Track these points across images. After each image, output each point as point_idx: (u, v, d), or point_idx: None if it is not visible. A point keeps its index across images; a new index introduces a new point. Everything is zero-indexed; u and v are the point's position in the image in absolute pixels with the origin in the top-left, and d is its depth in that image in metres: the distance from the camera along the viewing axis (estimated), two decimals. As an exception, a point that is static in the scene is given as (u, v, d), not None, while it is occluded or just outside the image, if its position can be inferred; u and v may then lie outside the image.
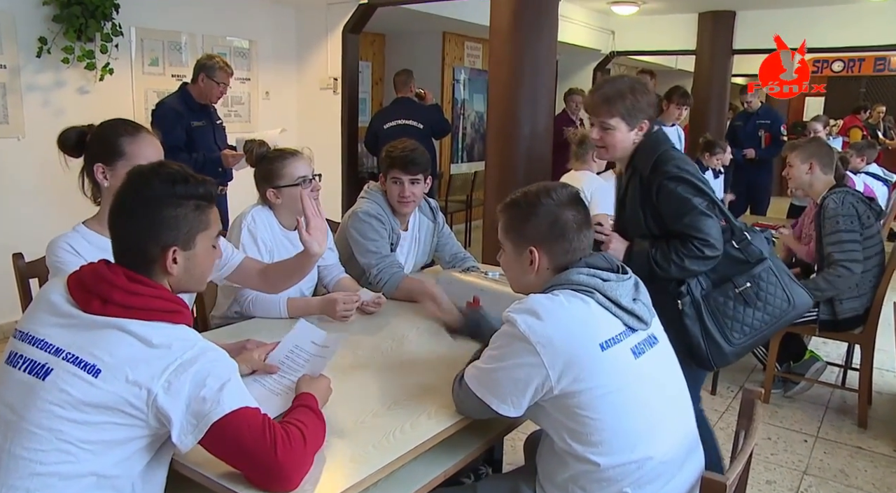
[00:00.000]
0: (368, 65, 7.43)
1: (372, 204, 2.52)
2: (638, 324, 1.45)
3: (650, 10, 7.50)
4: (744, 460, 1.34)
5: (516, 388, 1.39)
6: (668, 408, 1.47)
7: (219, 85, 3.82)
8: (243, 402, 1.22)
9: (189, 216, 1.30)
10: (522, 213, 1.52)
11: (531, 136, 4.31)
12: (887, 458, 3.01)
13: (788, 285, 2.01)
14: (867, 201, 3.16)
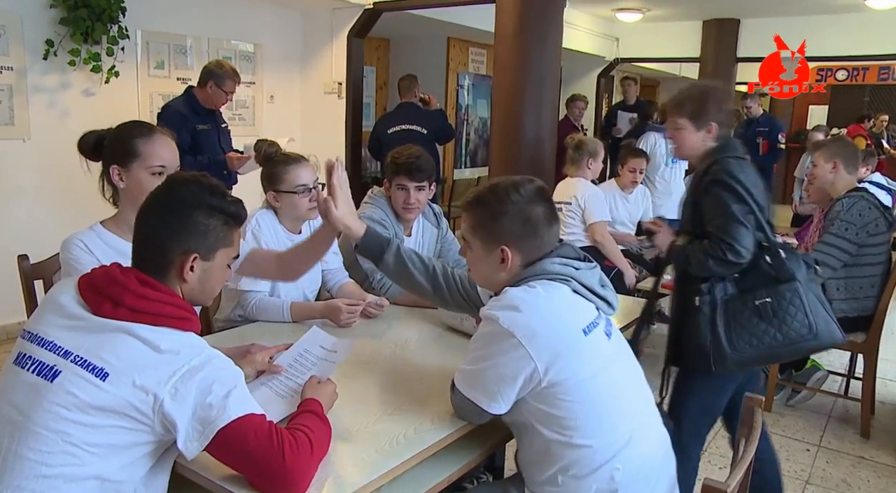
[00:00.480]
0: (373, 69, 7.45)
1: (376, 209, 2.53)
2: (608, 308, 1.53)
3: (654, 18, 7.52)
4: (744, 467, 1.34)
5: (505, 384, 1.41)
6: (635, 382, 1.56)
7: (227, 94, 3.86)
8: (249, 409, 1.22)
9: (217, 229, 1.33)
10: (491, 211, 1.50)
11: (535, 142, 4.32)
12: (890, 468, 3.00)
13: (817, 313, 1.96)
14: (881, 209, 3.11)
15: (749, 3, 6.74)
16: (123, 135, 1.84)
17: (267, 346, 1.75)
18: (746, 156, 2.10)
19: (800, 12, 6.95)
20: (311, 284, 2.44)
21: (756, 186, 2.01)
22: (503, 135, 4.41)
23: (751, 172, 2.04)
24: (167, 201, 1.33)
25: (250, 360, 1.65)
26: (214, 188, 1.35)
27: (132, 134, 1.83)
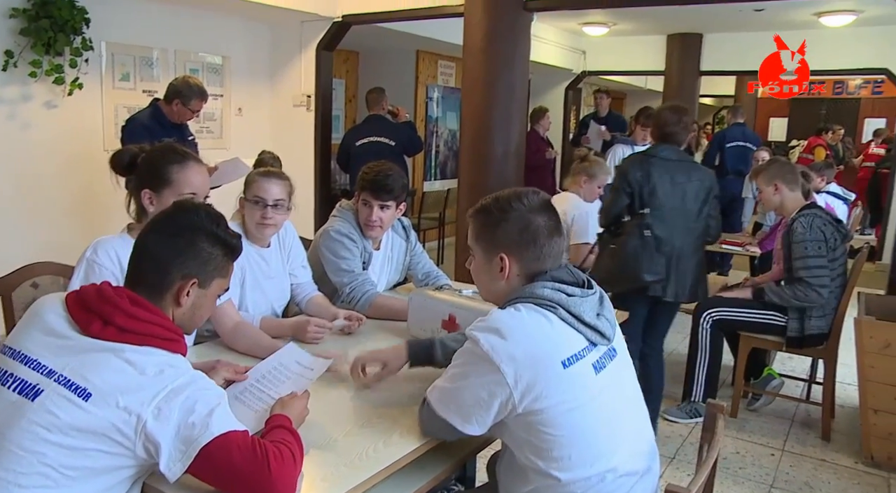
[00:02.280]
0: (342, 82, 7.46)
1: (344, 223, 2.53)
2: (600, 339, 1.45)
3: (620, 32, 7.67)
4: (706, 471, 1.37)
5: (480, 407, 1.38)
6: (628, 421, 1.49)
7: (193, 112, 3.84)
8: (231, 426, 1.22)
9: (218, 258, 1.37)
10: (493, 218, 1.50)
11: (504, 155, 4.37)
12: (849, 469, 3.08)
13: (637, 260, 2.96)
14: (835, 224, 3.22)
15: (711, 19, 6.92)
16: (158, 161, 1.87)
17: (233, 363, 1.74)
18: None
19: (759, 28, 7.16)
20: (280, 298, 2.43)
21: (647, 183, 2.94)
22: (472, 148, 4.45)
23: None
24: (175, 224, 1.36)
25: (216, 371, 1.65)
26: (220, 219, 1.40)
27: (167, 160, 1.86)
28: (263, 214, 2.25)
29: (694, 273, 3.10)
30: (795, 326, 3.24)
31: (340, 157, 5.33)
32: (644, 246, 2.93)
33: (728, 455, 3.19)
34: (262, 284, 2.33)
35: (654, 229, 2.94)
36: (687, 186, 3.01)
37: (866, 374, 3.01)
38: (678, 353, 3.66)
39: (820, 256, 3.12)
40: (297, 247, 2.49)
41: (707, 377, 3.46)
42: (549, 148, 6.66)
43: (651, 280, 2.93)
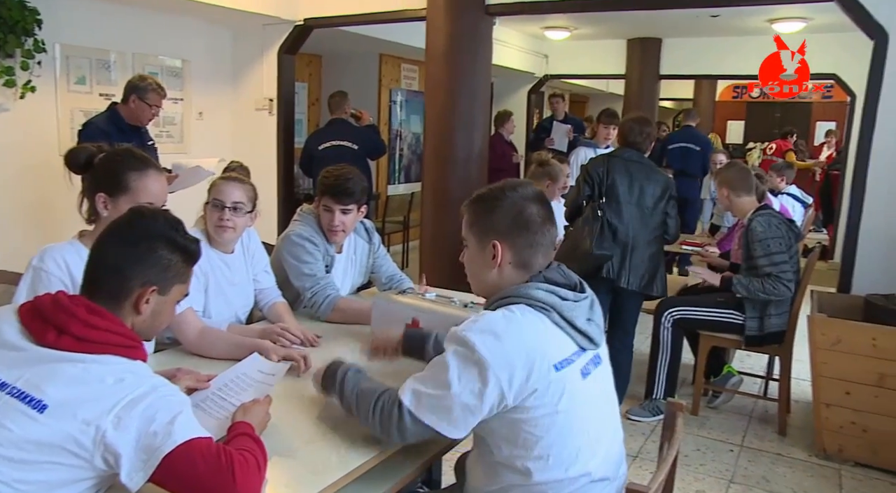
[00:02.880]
0: (305, 86, 7.41)
1: (305, 227, 2.51)
2: (589, 345, 1.46)
3: (581, 36, 7.77)
4: (665, 468, 1.40)
5: (471, 412, 1.37)
6: (606, 427, 1.51)
7: (151, 107, 3.74)
8: (195, 433, 1.20)
9: (177, 264, 1.36)
10: (487, 205, 1.51)
11: (467, 158, 4.39)
12: (803, 462, 3.17)
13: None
14: (788, 223, 3.35)
15: (669, 25, 7.06)
16: (117, 166, 1.82)
17: (194, 370, 1.72)
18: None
19: (715, 34, 7.33)
20: (244, 305, 2.41)
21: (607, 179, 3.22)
22: (436, 151, 4.46)
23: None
24: (133, 231, 1.34)
25: (176, 382, 1.62)
26: (179, 225, 1.39)
27: (126, 166, 1.82)
28: (221, 215, 2.23)
29: (648, 265, 3.25)
30: (754, 325, 3.33)
31: (303, 161, 5.29)
32: (595, 223, 3.20)
33: (689, 452, 3.25)
34: (225, 290, 2.31)
35: (609, 219, 3.18)
36: (645, 184, 3.24)
37: (818, 370, 3.11)
38: (640, 352, 3.73)
39: (782, 251, 3.24)
40: (260, 252, 2.47)
41: (668, 376, 3.54)
42: (514, 152, 6.71)
43: (599, 254, 3.17)
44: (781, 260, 3.22)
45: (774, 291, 3.22)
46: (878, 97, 3.40)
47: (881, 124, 3.42)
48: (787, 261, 3.24)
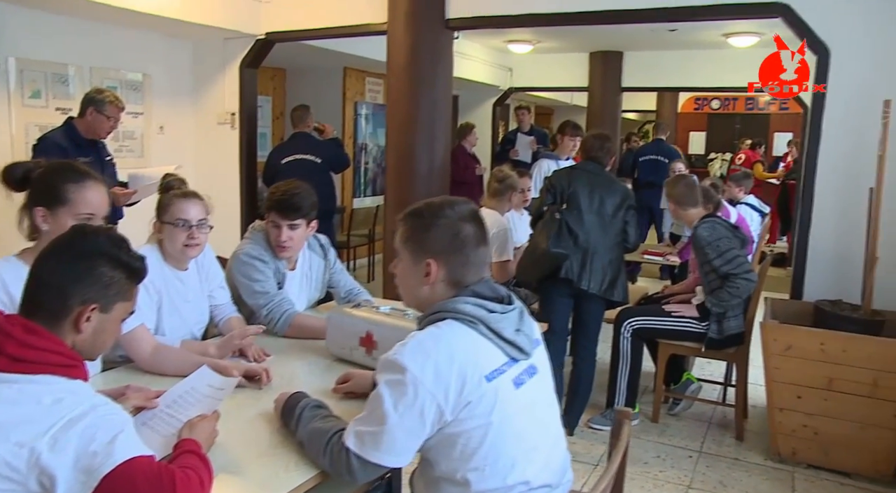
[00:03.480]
0: (269, 99, 7.39)
1: (254, 245, 2.49)
2: (520, 355, 1.47)
3: (544, 49, 7.88)
4: (609, 475, 1.42)
5: (414, 436, 1.38)
6: (545, 436, 1.53)
7: (108, 119, 3.69)
8: (136, 451, 1.19)
9: (120, 282, 1.34)
10: (424, 223, 1.51)
11: (429, 171, 4.42)
12: (759, 466, 3.24)
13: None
14: (732, 229, 3.48)
15: (629, 38, 7.20)
16: (54, 178, 1.81)
17: (144, 387, 1.71)
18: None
19: (674, 47, 7.50)
20: (199, 321, 2.39)
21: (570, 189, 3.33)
22: (398, 165, 4.48)
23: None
24: (73, 249, 1.32)
25: (126, 398, 1.61)
26: (122, 242, 1.37)
27: (64, 179, 1.80)
28: (190, 234, 2.21)
29: (608, 270, 3.34)
30: (714, 328, 3.41)
31: (266, 175, 5.26)
32: (552, 225, 3.30)
33: (649, 459, 3.30)
34: (179, 307, 2.29)
35: (570, 225, 3.28)
36: (605, 195, 3.36)
37: (772, 375, 3.19)
38: (602, 362, 3.77)
39: (733, 247, 3.34)
40: (215, 268, 2.46)
41: (629, 385, 3.59)
42: (477, 164, 6.77)
43: (555, 253, 3.26)
44: (734, 255, 3.32)
45: (739, 289, 3.29)
46: (822, 110, 3.52)
47: (826, 137, 3.53)
48: (741, 255, 3.34)
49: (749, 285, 3.31)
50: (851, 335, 3.01)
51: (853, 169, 3.44)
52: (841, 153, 3.51)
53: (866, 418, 3.00)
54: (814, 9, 3.47)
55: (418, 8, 4.31)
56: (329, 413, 1.61)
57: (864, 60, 3.35)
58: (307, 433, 1.53)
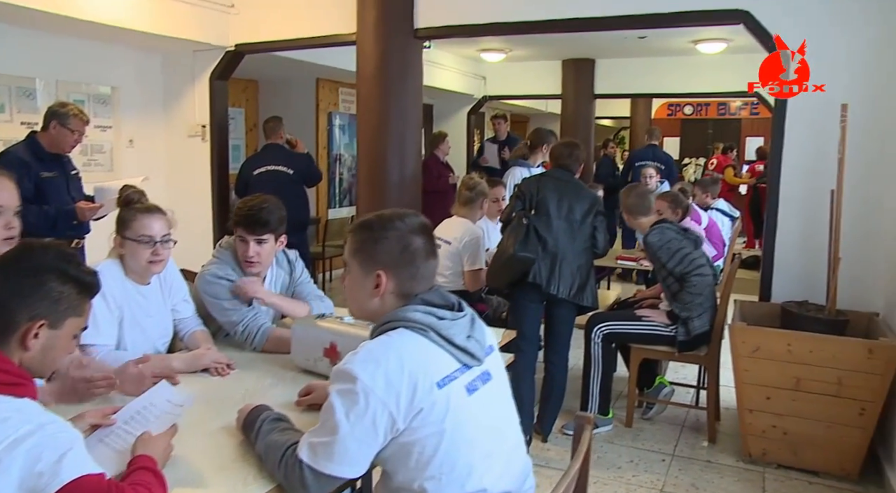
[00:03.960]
0: (242, 111, 7.36)
1: (220, 265, 2.45)
2: (472, 361, 1.48)
3: (517, 57, 7.94)
4: (567, 481, 1.42)
5: (367, 445, 1.37)
6: (502, 442, 1.52)
7: (73, 133, 3.64)
8: (85, 470, 1.17)
9: (70, 297, 1.33)
10: (374, 235, 1.51)
11: (400, 181, 4.42)
12: (731, 468, 3.27)
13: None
14: (683, 232, 3.55)
15: (600, 46, 7.29)
16: None
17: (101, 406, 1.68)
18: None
19: (644, 54, 7.60)
20: (162, 336, 2.35)
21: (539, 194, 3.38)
22: (369, 174, 4.48)
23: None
24: (20, 264, 1.31)
25: (82, 416, 1.59)
26: (72, 257, 1.36)
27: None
28: (154, 251, 2.18)
29: (577, 275, 3.36)
30: (682, 330, 3.44)
31: (239, 187, 5.24)
32: (519, 229, 3.32)
33: (622, 464, 3.31)
34: (141, 322, 2.26)
35: (539, 230, 3.31)
36: (574, 201, 3.39)
37: (741, 377, 3.22)
38: (577, 368, 3.79)
39: (682, 247, 3.41)
40: (179, 282, 2.43)
41: (601, 390, 3.60)
42: (450, 173, 6.78)
43: (522, 256, 3.27)
44: (686, 253, 3.39)
45: (697, 287, 3.36)
46: (784, 115, 3.58)
47: (789, 141, 3.59)
48: (691, 252, 3.41)
49: (704, 280, 3.37)
50: (817, 336, 3.05)
51: (816, 172, 3.50)
52: (803, 157, 3.57)
53: (833, 417, 3.04)
54: (773, 15, 3.54)
55: (387, 18, 4.33)
56: (289, 426, 1.59)
57: (822, 65, 3.41)
58: (264, 445, 1.52)
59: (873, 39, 3.38)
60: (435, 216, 4.33)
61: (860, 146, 3.36)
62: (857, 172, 3.35)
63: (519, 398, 3.31)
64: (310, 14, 4.73)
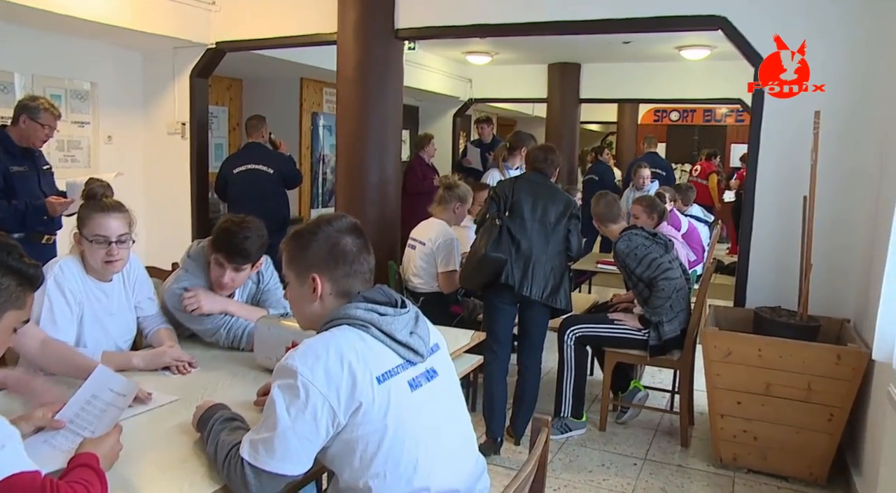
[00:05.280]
0: (225, 110, 7.32)
1: (188, 277, 2.39)
2: (414, 357, 1.48)
3: (503, 61, 7.94)
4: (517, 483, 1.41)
5: (309, 441, 1.36)
6: (449, 440, 1.52)
7: (43, 127, 3.59)
8: (18, 467, 1.15)
9: (10, 288, 1.30)
10: (302, 242, 1.54)
11: (380, 182, 4.40)
12: (701, 472, 3.27)
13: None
14: (651, 237, 3.57)
15: (586, 50, 7.29)
16: None
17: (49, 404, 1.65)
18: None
19: (629, 59, 7.62)
20: (124, 334, 2.31)
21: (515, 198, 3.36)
22: (349, 175, 4.46)
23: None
24: None
25: (26, 417, 1.56)
26: (12, 248, 1.33)
27: None
28: (109, 251, 2.13)
29: (551, 277, 3.35)
30: (654, 335, 3.45)
31: (219, 186, 5.20)
32: (492, 230, 3.31)
33: (594, 468, 3.31)
34: (102, 320, 2.23)
35: (513, 232, 3.30)
36: (548, 204, 3.38)
37: (713, 381, 3.22)
38: (551, 370, 3.79)
39: (649, 253, 3.43)
40: (143, 279, 2.40)
41: (574, 393, 3.60)
42: (435, 175, 6.76)
43: (493, 257, 3.27)
44: (653, 259, 3.41)
45: (664, 292, 3.38)
46: (761, 123, 3.59)
47: (764, 148, 3.60)
48: (659, 257, 3.42)
49: (671, 283, 3.39)
50: (787, 341, 3.06)
51: (790, 179, 3.52)
52: (778, 163, 3.58)
53: (802, 422, 3.04)
54: (749, 22, 3.56)
55: (368, 18, 4.31)
56: (241, 425, 1.57)
57: (797, 73, 3.43)
58: (214, 445, 1.50)
59: (849, 48, 3.40)
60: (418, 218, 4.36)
61: (834, 154, 3.37)
62: (831, 180, 3.37)
63: (491, 400, 3.38)
64: (291, 13, 4.71)
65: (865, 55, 3.37)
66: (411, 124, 9.30)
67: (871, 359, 2.84)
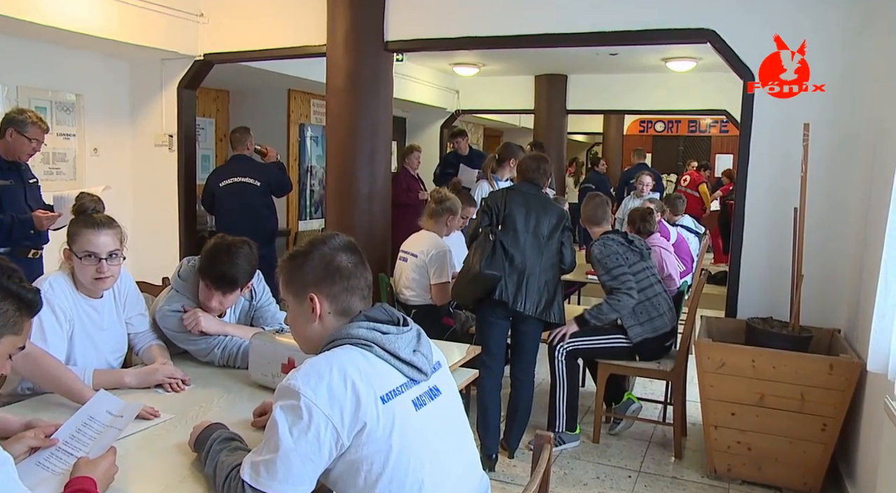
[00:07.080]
0: (212, 121, 7.28)
1: (178, 297, 2.38)
2: (418, 375, 1.47)
3: (490, 72, 7.98)
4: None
5: (312, 463, 1.33)
6: (453, 458, 1.50)
7: (30, 141, 3.54)
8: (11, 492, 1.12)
9: (8, 313, 1.27)
10: (297, 262, 1.52)
11: (369, 194, 4.38)
12: (695, 484, 3.26)
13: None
14: (628, 243, 3.63)
15: (572, 62, 7.35)
16: None
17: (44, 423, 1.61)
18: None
19: (616, 71, 7.69)
20: (115, 351, 2.28)
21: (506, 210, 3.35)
22: (338, 187, 4.44)
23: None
24: None
25: (21, 437, 1.52)
26: (13, 272, 1.30)
27: None
28: (99, 268, 2.09)
29: (544, 291, 3.34)
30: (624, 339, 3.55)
31: (205, 198, 5.15)
32: (486, 245, 3.28)
33: (588, 481, 3.29)
34: (93, 336, 2.19)
35: (506, 246, 3.28)
36: (541, 215, 3.36)
37: (706, 392, 3.22)
38: (544, 383, 3.77)
39: (620, 265, 3.49)
40: (134, 295, 2.36)
41: (568, 406, 3.59)
42: (421, 187, 6.71)
43: (488, 274, 3.22)
44: (620, 273, 3.48)
45: (619, 303, 3.46)
46: (750, 133, 3.62)
47: (754, 159, 3.63)
48: (627, 272, 3.49)
49: (629, 301, 3.46)
50: (780, 352, 3.07)
51: (780, 190, 3.55)
52: (768, 175, 3.61)
53: (795, 432, 3.05)
54: (737, 34, 3.59)
55: (357, 30, 4.31)
56: (240, 446, 1.55)
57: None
58: (213, 466, 1.47)
59: (837, 60, 3.44)
60: (402, 230, 4.33)
61: (824, 165, 3.41)
62: (821, 191, 3.40)
63: (485, 414, 3.35)
64: (280, 25, 4.70)
65: (854, 67, 3.41)
66: (399, 135, 9.29)
67: (864, 369, 2.85)
